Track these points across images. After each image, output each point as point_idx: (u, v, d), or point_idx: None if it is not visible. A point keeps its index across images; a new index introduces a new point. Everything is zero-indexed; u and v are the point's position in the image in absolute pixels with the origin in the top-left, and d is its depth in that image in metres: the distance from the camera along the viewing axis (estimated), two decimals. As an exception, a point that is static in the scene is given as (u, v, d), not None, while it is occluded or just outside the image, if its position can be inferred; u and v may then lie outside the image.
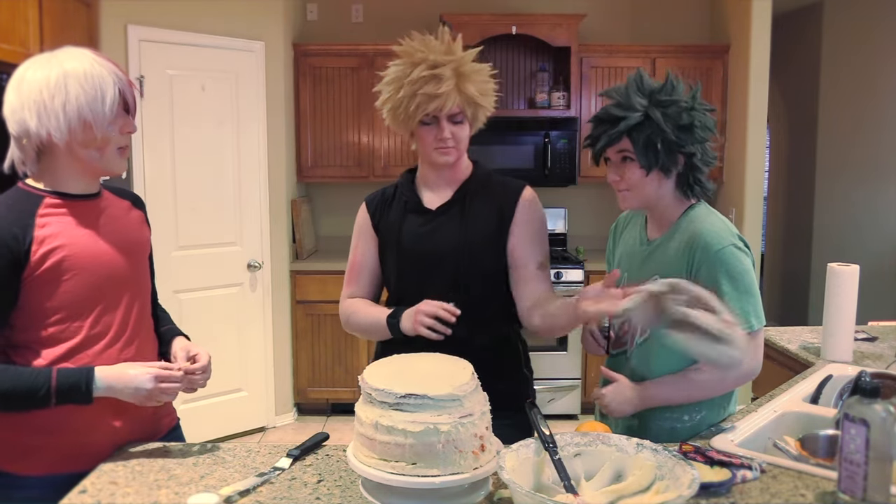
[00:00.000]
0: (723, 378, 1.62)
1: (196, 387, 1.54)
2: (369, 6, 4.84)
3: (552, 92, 4.65)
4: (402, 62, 1.75)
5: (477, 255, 1.79)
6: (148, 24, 3.72)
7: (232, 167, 4.08)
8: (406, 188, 1.88)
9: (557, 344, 4.45)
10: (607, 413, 1.67)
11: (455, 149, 1.78)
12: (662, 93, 1.61)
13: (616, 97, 1.64)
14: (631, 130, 1.59)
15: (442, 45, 1.75)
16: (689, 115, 1.60)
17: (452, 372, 1.35)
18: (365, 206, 1.93)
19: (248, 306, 4.21)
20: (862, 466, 1.22)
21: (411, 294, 1.77)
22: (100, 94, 1.42)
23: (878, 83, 5.28)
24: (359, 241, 1.93)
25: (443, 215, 1.83)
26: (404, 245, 1.82)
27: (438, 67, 1.70)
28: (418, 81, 1.70)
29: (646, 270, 1.68)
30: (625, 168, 1.63)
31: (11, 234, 1.40)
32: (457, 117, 1.76)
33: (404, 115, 1.74)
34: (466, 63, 1.75)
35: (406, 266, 1.83)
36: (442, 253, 1.79)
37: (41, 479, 1.47)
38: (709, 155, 1.64)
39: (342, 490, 1.37)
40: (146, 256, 1.65)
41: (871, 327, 2.67)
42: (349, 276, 1.95)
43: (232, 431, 4.18)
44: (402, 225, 1.84)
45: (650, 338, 1.67)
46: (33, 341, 1.46)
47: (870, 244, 5.27)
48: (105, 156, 1.47)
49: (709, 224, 1.63)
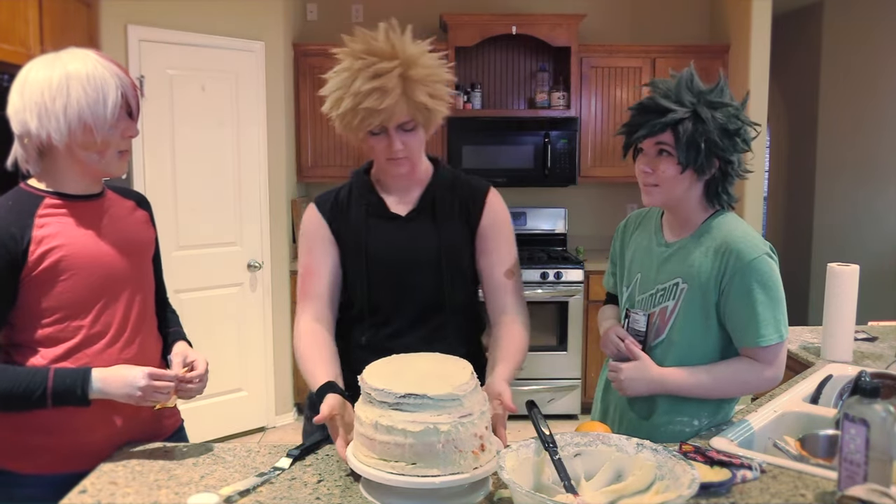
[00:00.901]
0: (747, 381, 1.63)
1: (192, 395, 1.53)
2: (369, 6, 4.84)
3: (552, 92, 4.64)
4: (342, 67, 1.59)
5: (456, 263, 1.72)
6: (148, 24, 3.72)
7: (232, 167, 4.08)
8: (364, 190, 1.74)
9: (557, 344, 4.45)
10: (619, 389, 1.66)
11: (407, 159, 1.64)
12: (713, 94, 1.57)
13: (664, 89, 1.59)
14: (676, 124, 1.54)
15: (385, 44, 1.57)
16: (736, 122, 1.57)
17: (452, 371, 1.36)
18: (316, 210, 1.76)
19: (248, 306, 4.21)
20: (862, 466, 1.22)
21: (387, 306, 1.71)
22: (101, 97, 1.41)
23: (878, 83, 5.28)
24: (313, 248, 1.74)
25: (413, 222, 1.71)
26: (375, 254, 1.69)
27: (382, 77, 1.53)
28: (360, 94, 1.54)
29: (665, 272, 1.67)
30: (659, 161, 1.58)
31: (9, 233, 1.40)
32: (407, 125, 1.60)
33: (349, 127, 1.60)
34: (414, 65, 1.57)
35: (379, 276, 1.70)
36: (421, 262, 1.69)
37: (42, 478, 1.47)
38: (743, 167, 1.61)
39: (342, 490, 1.36)
40: (149, 256, 1.65)
41: (871, 327, 2.67)
42: (305, 288, 1.73)
43: (232, 431, 4.17)
44: (368, 231, 1.70)
45: (665, 340, 1.67)
46: (33, 341, 1.46)
47: (870, 244, 5.27)
48: (105, 158, 1.47)
49: (741, 232, 1.61)
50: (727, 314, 1.60)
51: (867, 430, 1.21)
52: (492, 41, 4.62)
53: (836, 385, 1.93)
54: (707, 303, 1.61)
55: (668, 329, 1.66)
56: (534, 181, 4.66)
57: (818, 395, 1.91)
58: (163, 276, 1.75)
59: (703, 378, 1.62)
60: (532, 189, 4.86)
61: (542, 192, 4.95)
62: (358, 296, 1.73)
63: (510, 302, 1.74)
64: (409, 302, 1.70)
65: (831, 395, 1.90)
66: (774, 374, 1.62)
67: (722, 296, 1.60)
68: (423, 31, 1.79)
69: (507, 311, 1.74)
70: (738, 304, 1.58)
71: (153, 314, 1.65)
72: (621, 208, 4.97)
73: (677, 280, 1.64)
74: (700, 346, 1.64)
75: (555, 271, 4.38)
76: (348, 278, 1.74)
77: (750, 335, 1.58)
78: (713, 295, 1.60)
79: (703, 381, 1.62)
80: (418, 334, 1.69)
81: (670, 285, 1.65)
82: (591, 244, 4.90)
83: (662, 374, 1.63)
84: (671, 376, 1.63)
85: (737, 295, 1.58)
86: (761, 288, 1.57)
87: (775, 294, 1.59)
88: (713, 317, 1.62)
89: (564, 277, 4.39)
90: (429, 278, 1.70)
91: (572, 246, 4.96)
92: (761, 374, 1.61)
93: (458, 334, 1.74)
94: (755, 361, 1.61)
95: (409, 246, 1.70)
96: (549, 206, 4.97)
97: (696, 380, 1.62)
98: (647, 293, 1.70)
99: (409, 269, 1.70)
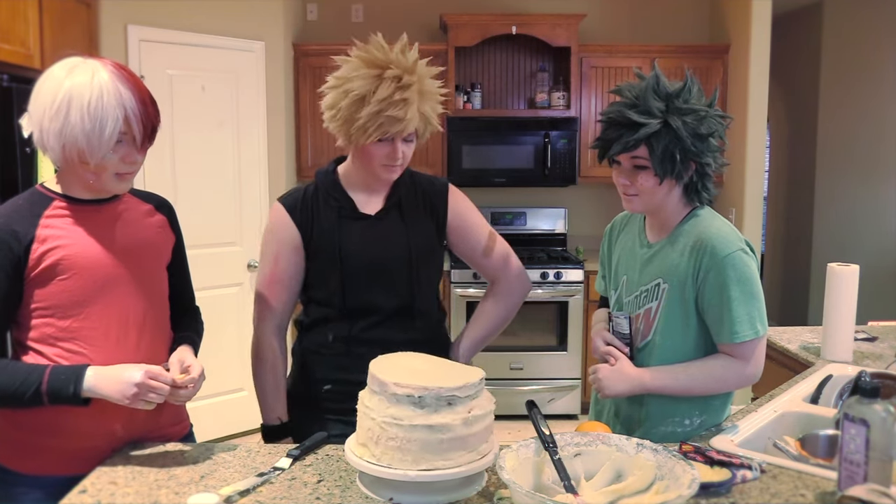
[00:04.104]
0: (724, 378, 1.62)
1: (182, 400, 1.51)
2: (369, 6, 4.84)
3: (552, 92, 4.65)
4: (364, 73, 1.62)
5: (424, 261, 1.78)
6: (148, 24, 3.72)
7: (232, 167, 4.08)
8: (334, 191, 1.76)
9: (557, 344, 4.46)
10: (598, 391, 1.67)
11: (401, 167, 1.72)
12: (680, 98, 1.56)
13: (631, 97, 1.58)
14: (650, 138, 1.53)
15: (406, 59, 1.63)
16: (708, 125, 1.56)
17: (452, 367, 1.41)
18: (286, 212, 1.76)
19: (249, 306, 4.16)
20: (862, 466, 1.22)
21: (359, 307, 1.74)
22: (98, 126, 1.38)
23: (878, 83, 5.28)
24: (280, 256, 1.77)
25: (383, 221, 1.76)
26: (347, 254, 1.72)
27: (407, 89, 1.60)
28: (384, 101, 1.59)
29: (647, 273, 1.68)
30: (637, 175, 1.59)
31: (13, 231, 1.41)
32: (410, 136, 1.69)
33: (359, 131, 1.63)
34: (426, 81, 1.66)
35: (352, 277, 1.73)
36: (391, 261, 1.75)
37: (42, 478, 1.48)
38: (720, 163, 1.62)
39: (342, 490, 1.37)
40: (160, 260, 1.63)
41: (871, 327, 2.67)
42: (270, 291, 1.79)
43: (232, 431, 4.17)
44: (341, 233, 1.73)
45: (651, 342, 1.67)
46: (34, 339, 1.47)
47: (870, 244, 5.27)
48: (101, 179, 1.46)
49: (715, 229, 1.62)
50: (704, 311, 1.62)
51: (867, 430, 1.21)
52: (492, 41, 4.62)
53: (836, 385, 1.93)
54: (686, 301, 1.62)
55: (652, 331, 1.66)
56: (534, 181, 4.66)
57: (818, 395, 1.91)
58: (189, 282, 1.74)
59: (680, 376, 1.63)
60: (532, 189, 4.87)
61: (542, 192, 4.95)
62: (329, 294, 1.75)
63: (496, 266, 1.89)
64: (382, 297, 1.74)
65: (831, 395, 1.90)
66: (752, 371, 1.62)
67: (699, 293, 1.60)
68: (424, 32, 1.81)
69: (494, 282, 1.92)
70: (714, 300, 1.59)
71: (164, 319, 1.63)
72: (621, 208, 4.95)
73: (658, 280, 1.65)
74: (682, 346, 1.65)
75: (555, 271, 4.38)
76: (317, 278, 1.77)
77: (725, 332, 1.59)
78: (691, 292, 1.61)
79: (681, 378, 1.63)
80: (391, 327, 1.75)
81: (652, 286, 1.66)
82: (591, 244, 4.89)
83: (640, 373, 1.64)
84: (648, 374, 1.63)
85: (712, 291, 1.58)
86: (736, 284, 1.56)
87: (750, 289, 1.58)
88: (693, 315, 1.63)
89: (564, 277, 4.39)
90: (401, 274, 1.75)
91: (572, 246, 4.96)
92: (739, 370, 1.61)
93: (427, 324, 1.82)
94: (733, 358, 1.61)
95: (379, 246, 1.75)
96: (549, 206, 4.97)
97: (672, 377, 1.63)
98: (633, 295, 1.71)
99: (382, 265, 1.74)
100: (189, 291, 1.75)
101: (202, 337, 1.73)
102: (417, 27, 4.89)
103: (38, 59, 2.83)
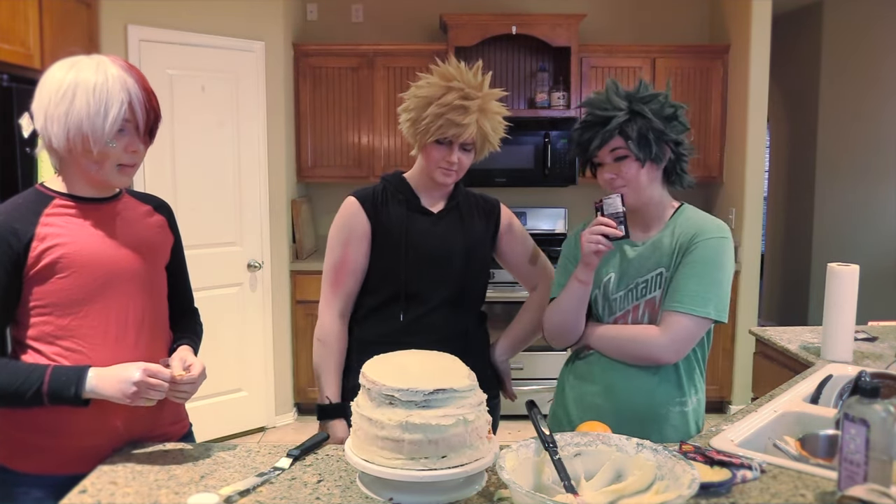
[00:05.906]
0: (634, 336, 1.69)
1: (183, 398, 1.52)
2: (369, 6, 4.84)
3: (552, 92, 4.64)
4: (435, 82, 1.83)
5: (477, 259, 1.96)
6: (148, 24, 3.72)
7: (232, 167, 4.09)
8: (402, 188, 1.93)
9: (557, 344, 4.45)
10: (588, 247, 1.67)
11: (457, 173, 1.88)
12: (639, 93, 1.69)
13: (597, 102, 1.71)
14: (623, 126, 1.65)
15: (475, 80, 1.85)
16: (669, 106, 1.69)
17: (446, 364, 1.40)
18: (358, 203, 1.90)
19: (248, 306, 4.22)
20: (862, 466, 1.22)
21: (419, 293, 1.88)
22: (103, 109, 1.41)
23: (878, 83, 5.29)
24: (350, 240, 1.90)
25: (444, 219, 1.94)
26: (414, 244, 1.88)
27: (469, 101, 1.80)
28: (447, 106, 1.79)
29: (645, 267, 1.72)
30: (620, 166, 1.69)
31: (12, 229, 1.42)
32: (468, 146, 1.85)
33: (423, 129, 1.82)
34: (490, 101, 1.85)
35: (415, 265, 1.88)
36: (451, 253, 1.90)
37: (42, 478, 1.48)
38: (688, 146, 1.74)
39: (342, 490, 1.37)
40: (159, 261, 1.64)
41: (871, 327, 2.67)
42: (337, 277, 1.91)
43: (232, 431, 4.17)
44: (409, 224, 1.89)
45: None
46: (33, 337, 1.47)
47: (870, 244, 5.27)
48: (103, 169, 1.47)
49: (702, 217, 1.73)
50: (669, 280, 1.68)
51: (867, 430, 1.21)
52: (492, 41, 4.62)
53: (836, 385, 1.93)
54: None
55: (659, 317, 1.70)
56: (534, 181, 4.66)
57: (818, 395, 1.91)
58: (188, 283, 1.76)
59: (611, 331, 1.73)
60: (532, 189, 4.87)
61: (542, 192, 4.95)
62: (393, 282, 1.89)
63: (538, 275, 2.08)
64: (440, 286, 1.89)
65: (831, 395, 1.90)
66: (665, 342, 1.63)
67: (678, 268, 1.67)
68: (424, 32, 1.84)
69: (535, 288, 2.09)
70: (678, 272, 1.66)
71: (163, 318, 1.64)
72: (621, 208, 4.96)
73: (661, 270, 1.70)
74: None
75: (555, 271, 4.38)
76: (380, 271, 1.91)
77: (669, 298, 1.65)
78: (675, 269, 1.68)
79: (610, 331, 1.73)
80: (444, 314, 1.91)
81: (654, 275, 1.71)
82: (591, 244, 4.89)
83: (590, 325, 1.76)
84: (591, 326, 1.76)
85: (682, 265, 1.66)
86: (702, 263, 1.63)
87: (714, 274, 1.63)
88: None
89: (564, 277, 4.38)
90: (456, 266, 1.91)
91: (572, 246, 4.95)
92: (652, 334, 1.65)
93: (471, 319, 2.00)
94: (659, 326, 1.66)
95: (442, 238, 1.91)
96: (549, 206, 4.97)
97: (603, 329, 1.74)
98: (627, 288, 1.74)
99: (440, 260, 1.90)
100: (188, 292, 1.77)
101: (201, 338, 1.74)
102: (417, 27, 4.89)
103: (38, 59, 2.83)
